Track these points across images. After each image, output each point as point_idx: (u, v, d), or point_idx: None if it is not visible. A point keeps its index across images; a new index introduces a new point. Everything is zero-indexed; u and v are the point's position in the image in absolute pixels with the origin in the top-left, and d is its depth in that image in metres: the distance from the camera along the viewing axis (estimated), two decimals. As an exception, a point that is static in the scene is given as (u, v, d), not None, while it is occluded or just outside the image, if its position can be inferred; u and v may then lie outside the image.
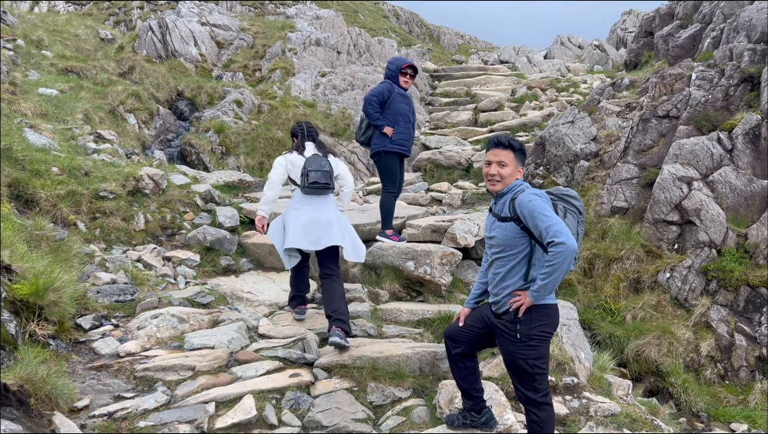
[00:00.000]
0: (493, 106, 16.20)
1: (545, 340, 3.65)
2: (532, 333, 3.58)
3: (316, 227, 5.38)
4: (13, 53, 12.21)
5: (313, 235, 5.38)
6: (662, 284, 7.40)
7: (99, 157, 8.26)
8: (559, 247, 3.33)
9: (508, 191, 3.66)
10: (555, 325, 3.72)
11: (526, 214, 3.49)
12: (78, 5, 37.67)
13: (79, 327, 5.08)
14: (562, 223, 3.41)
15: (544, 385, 3.66)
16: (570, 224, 3.57)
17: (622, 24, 31.92)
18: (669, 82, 9.30)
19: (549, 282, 3.43)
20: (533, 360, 3.60)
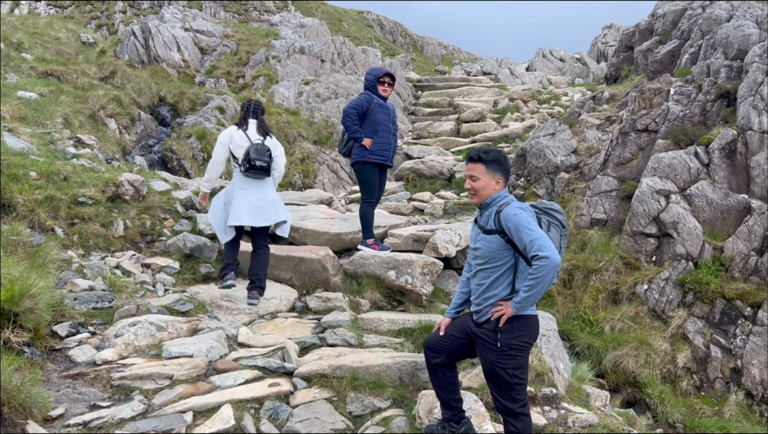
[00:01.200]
0: (476, 117, 16.33)
1: (525, 350, 3.68)
2: (513, 342, 3.61)
3: (265, 206, 6.11)
4: (-8, 55, 12.05)
5: (263, 214, 6.10)
6: (640, 296, 7.48)
7: (78, 162, 8.16)
8: (543, 261, 3.38)
9: (492, 203, 3.69)
10: (535, 336, 3.75)
11: (511, 227, 3.53)
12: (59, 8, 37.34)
13: (55, 335, 5.00)
14: (546, 237, 3.46)
15: (523, 395, 3.69)
16: (553, 237, 3.62)
17: (603, 38, 32.41)
18: (648, 97, 9.45)
19: (531, 295, 3.48)
20: (513, 369, 3.63)
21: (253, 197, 6.06)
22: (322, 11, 44.23)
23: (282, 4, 39.59)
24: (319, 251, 7.01)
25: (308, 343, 5.54)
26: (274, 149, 6.16)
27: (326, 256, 6.96)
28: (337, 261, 7.09)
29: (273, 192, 6.23)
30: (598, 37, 33.01)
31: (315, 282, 6.93)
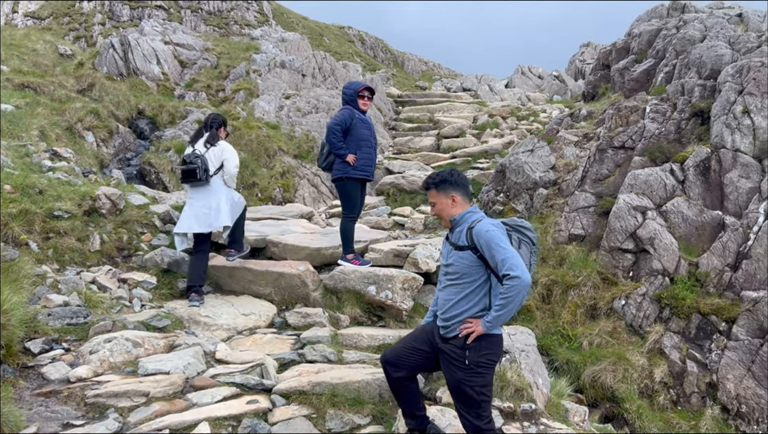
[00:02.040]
0: (456, 133, 16.45)
1: (491, 367, 3.70)
2: (481, 360, 3.63)
3: (208, 213, 6.57)
4: (-33, 67, 11.88)
5: (206, 220, 6.57)
6: (618, 311, 7.55)
7: (54, 175, 8.05)
8: (514, 281, 3.41)
9: (462, 220, 3.73)
10: (500, 354, 3.79)
11: (483, 244, 3.56)
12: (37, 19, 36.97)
13: (27, 351, 4.90)
14: (517, 256, 3.49)
15: (488, 412, 3.71)
16: (523, 254, 3.64)
17: (581, 56, 32.97)
18: (624, 114, 9.61)
19: (502, 314, 3.51)
20: (480, 387, 3.63)
21: (197, 205, 6.62)
22: (304, 26, 44.39)
23: (263, 18, 39.66)
24: (299, 266, 6.97)
25: (287, 359, 5.49)
26: (221, 154, 6.68)
27: (306, 271, 6.92)
28: (317, 276, 7.06)
29: (218, 199, 6.62)
30: (575, 54, 33.57)
31: (295, 298, 6.88)
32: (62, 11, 37.73)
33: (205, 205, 6.58)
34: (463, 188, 3.80)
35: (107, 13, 37.79)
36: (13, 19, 36.26)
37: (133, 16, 37.45)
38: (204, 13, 38.30)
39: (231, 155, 6.76)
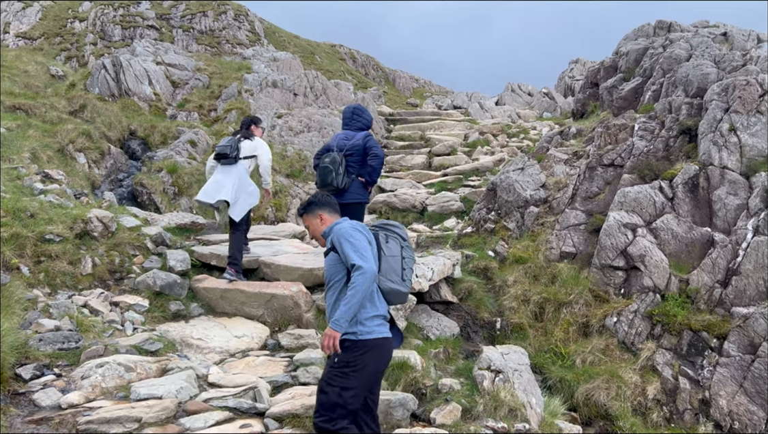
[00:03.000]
0: (447, 151, 16.56)
1: (360, 373, 3.67)
2: (350, 360, 3.66)
3: (218, 188, 7.30)
4: (-42, 89, 11.87)
5: (213, 194, 7.32)
6: (610, 328, 7.58)
7: (46, 198, 8.04)
8: (359, 270, 3.56)
9: (330, 232, 3.93)
10: (380, 360, 3.76)
11: (336, 241, 3.76)
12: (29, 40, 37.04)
13: (18, 378, 4.87)
14: (365, 248, 3.67)
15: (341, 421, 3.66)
16: (392, 247, 3.85)
17: (570, 72, 33.33)
18: (613, 132, 9.72)
19: (350, 307, 3.58)
20: (341, 389, 3.65)
21: (214, 179, 7.43)
22: (295, 44, 44.68)
23: (254, 37, 39.89)
24: (291, 287, 6.98)
25: (280, 382, 5.48)
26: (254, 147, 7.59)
27: (299, 292, 6.93)
28: (310, 297, 7.06)
29: (233, 179, 7.35)
30: (565, 71, 33.93)
31: (287, 319, 6.87)
32: (54, 31, 37.84)
33: (220, 181, 7.37)
34: (328, 205, 4.06)
35: (99, 33, 37.93)
36: (4, 40, 36.31)
37: (124, 36, 37.60)
38: (196, 33, 38.52)
39: (264, 150, 7.67)
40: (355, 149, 6.93)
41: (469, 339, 7.50)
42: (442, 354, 6.48)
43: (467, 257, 8.59)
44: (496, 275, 8.33)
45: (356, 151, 6.93)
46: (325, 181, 6.77)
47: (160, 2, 41.06)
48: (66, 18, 39.20)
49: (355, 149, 6.93)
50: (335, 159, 6.76)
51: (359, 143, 6.94)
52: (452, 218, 11.48)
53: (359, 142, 6.95)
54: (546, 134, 12.84)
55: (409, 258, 3.94)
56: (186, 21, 39.43)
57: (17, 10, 39.33)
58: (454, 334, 7.21)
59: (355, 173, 6.90)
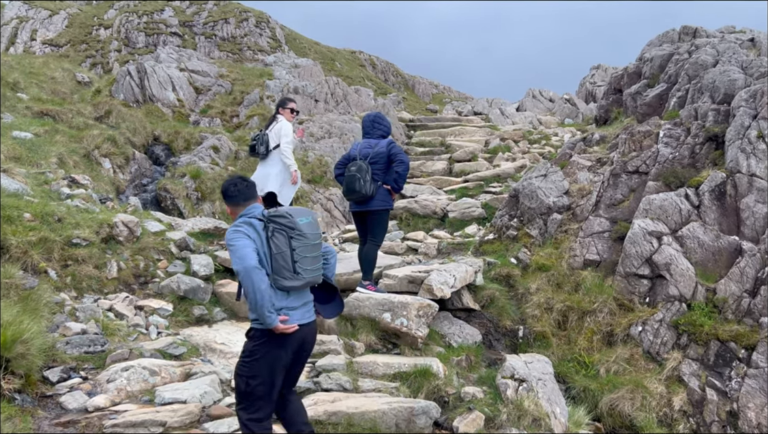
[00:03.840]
0: (468, 157, 16.49)
1: (263, 361, 3.72)
2: (253, 349, 3.75)
3: (259, 179, 7.72)
4: (-12, 95, 12.13)
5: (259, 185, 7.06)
6: (634, 338, 7.47)
7: (73, 202, 8.16)
8: (239, 274, 3.63)
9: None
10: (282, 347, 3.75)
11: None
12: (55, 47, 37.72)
13: (46, 380, 4.94)
14: (241, 248, 3.64)
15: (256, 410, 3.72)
16: (279, 242, 3.71)
17: (591, 78, 33.05)
18: (638, 139, 9.61)
19: (250, 305, 3.68)
20: (247, 377, 3.73)
21: (258, 173, 7.98)
22: (316, 51, 44.96)
23: (276, 44, 40.22)
24: (313, 292, 6.98)
25: (303, 388, 5.49)
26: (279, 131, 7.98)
27: (321, 298, 6.92)
28: (331, 303, 7.06)
29: (271, 170, 7.94)
30: (586, 77, 33.66)
31: (309, 324, 6.88)
32: (79, 38, 38.50)
33: (262, 174, 7.91)
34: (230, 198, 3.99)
35: (123, 40, 38.52)
36: (31, 47, 37.02)
37: (148, 42, 38.13)
38: (218, 39, 38.93)
39: (282, 133, 8.01)
40: (380, 156, 6.95)
41: (491, 346, 7.44)
42: (464, 361, 6.44)
43: (489, 264, 8.54)
44: (518, 282, 8.26)
45: (380, 158, 6.95)
46: (353, 188, 6.77)
47: (183, 9, 41.60)
48: (91, 25, 39.88)
49: (379, 157, 6.95)
50: (361, 167, 6.77)
51: (383, 150, 6.97)
52: (473, 224, 11.41)
53: (383, 149, 6.97)
54: (568, 141, 12.74)
55: (301, 247, 3.77)
56: (208, 28, 39.89)
57: (44, 17, 40.09)
58: (476, 342, 7.15)
59: (380, 181, 6.91)
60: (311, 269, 3.82)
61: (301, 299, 3.89)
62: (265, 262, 3.71)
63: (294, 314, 3.80)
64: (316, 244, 3.87)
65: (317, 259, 3.89)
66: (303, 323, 3.82)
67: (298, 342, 3.83)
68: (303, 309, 3.88)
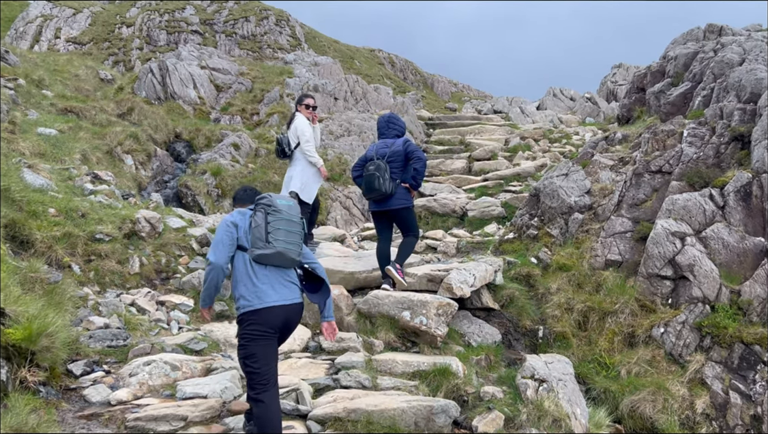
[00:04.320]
0: (487, 156, 16.40)
1: (253, 340, 4.12)
2: (242, 333, 4.20)
3: (288, 181, 8.15)
4: (14, 92, 12.31)
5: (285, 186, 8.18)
6: (656, 339, 7.38)
7: (96, 198, 8.26)
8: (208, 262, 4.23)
9: None
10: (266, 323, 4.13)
11: None
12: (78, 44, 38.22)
13: (69, 373, 5.00)
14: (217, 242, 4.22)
15: (258, 385, 4.10)
16: (258, 218, 4.19)
17: (612, 77, 32.71)
18: (661, 138, 9.48)
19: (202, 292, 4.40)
20: (243, 358, 4.16)
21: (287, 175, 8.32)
22: (335, 49, 45.04)
23: (295, 42, 40.37)
24: (333, 290, 6.97)
25: (322, 385, 5.50)
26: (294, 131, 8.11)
27: (340, 295, 6.95)
28: (350, 300, 7.08)
29: (294, 170, 8.16)
30: (607, 76, 33.33)
31: (328, 322, 6.89)
32: (102, 36, 38.98)
33: (287, 177, 8.21)
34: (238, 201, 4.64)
35: (145, 38, 38.92)
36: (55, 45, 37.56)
37: (169, 40, 38.49)
38: (238, 38, 39.17)
39: (300, 131, 8.10)
40: (397, 154, 7.04)
41: (510, 346, 7.39)
42: (483, 361, 6.41)
43: (509, 263, 8.49)
44: (538, 282, 8.20)
45: (397, 157, 7.04)
46: (372, 187, 6.86)
47: (204, 8, 41.91)
48: (114, 23, 40.34)
49: (396, 155, 7.04)
50: (380, 166, 6.86)
51: (400, 148, 7.06)
52: (493, 223, 11.35)
53: (400, 148, 7.07)
54: (590, 140, 12.62)
55: (275, 220, 4.19)
56: (229, 26, 40.15)
57: (68, 16, 40.64)
58: (496, 341, 7.12)
59: (398, 179, 6.98)
60: (284, 241, 4.18)
61: (282, 281, 4.26)
62: (245, 239, 4.24)
63: (273, 295, 4.18)
64: (291, 221, 4.28)
65: (291, 234, 4.25)
66: (285, 304, 4.21)
67: (281, 320, 4.21)
68: (284, 291, 4.24)
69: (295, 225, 4.28)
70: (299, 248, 4.31)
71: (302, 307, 4.39)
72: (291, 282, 4.30)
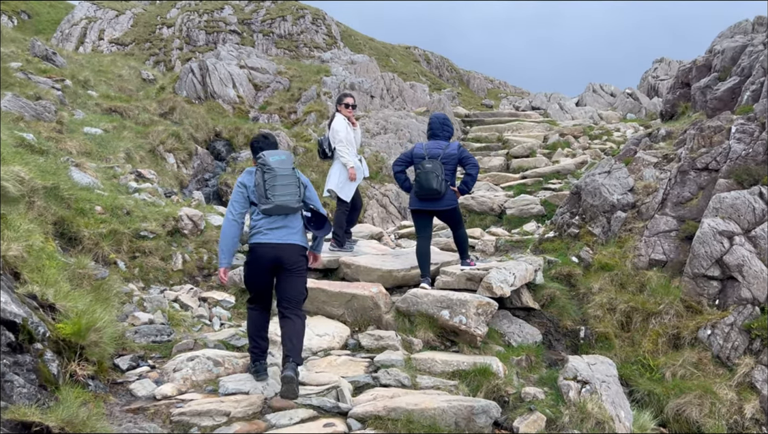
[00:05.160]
0: (525, 153, 16.23)
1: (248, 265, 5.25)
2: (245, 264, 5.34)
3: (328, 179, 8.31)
4: (61, 93, 12.67)
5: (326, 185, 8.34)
6: (703, 341, 7.18)
7: (140, 196, 8.44)
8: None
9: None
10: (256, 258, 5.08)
11: None
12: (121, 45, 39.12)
13: (116, 368, 5.12)
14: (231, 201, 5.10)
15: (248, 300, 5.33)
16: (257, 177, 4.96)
17: (654, 72, 31.97)
18: (708, 135, 9.22)
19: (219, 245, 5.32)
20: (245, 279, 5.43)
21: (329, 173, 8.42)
22: (371, 47, 45.09)
23: (331, 40, 40.55)
24: (371, 288, 7.01)
25: (362, 382, 5.51)
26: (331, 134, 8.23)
27: (379, 293, 6.95)
28: (389, 298, 7.08)
29: (333, 169, 8.28)
30: (648, 71, 32.60)
31: (367, 319, 6.91)
32: (144, 37, 39.81)
33: (329, 173, 8.32)
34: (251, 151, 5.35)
35: (185, 38, 39.61)
36: (99, 46, 38.53)
37: (208, 40, 39.09)
38: (275, 37, 39.55)
39: (334, 130, 8.18)
40: (451, 158, 7.16)
41: (551, 347, 7.29)
42: (524, 361, 6.34)
43: (549, 262, 8.37)
44: (580, 282, 8.06)
45: (451, 160, 7.16)
46: (430, 185, 6.96)
47: (242, 7, 42.44)
48: (155, 24, 41.16)
49: (450, 158, 7.15)
50: (437, 165, 6.97)
51: (454, 152, 7.19)
52: (532, 222, 11.22)
53: (454, 152, 7.19)
54: (632, 136, 12.35)
55: (271, 177, 4.91)
56: (266, 25, 40.58)
57: (111, 17, 41.63)
58: (536, 342, 7.03)
59: (448, 181, 7.10)
60: (280, 195, 4.93)
61: (282, 224, 5.04)
62: (254, 196, 5.03)
63: (272, 234, 4.99)
64: (284, 175, 4.97)
65: (287, 186, 4.96)
66: (278, 242, 4.99)
67: (271, 257, 4.99)
68: (281, 232, 5.03)
69: (288, 178, 4.99)
70: (296, 197, 5.00)
71: (298, 248, 5.09)
72: (288, 227, 5.07)
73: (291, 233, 5.06)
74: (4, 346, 3.86)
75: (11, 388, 3.74)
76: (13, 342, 3.95)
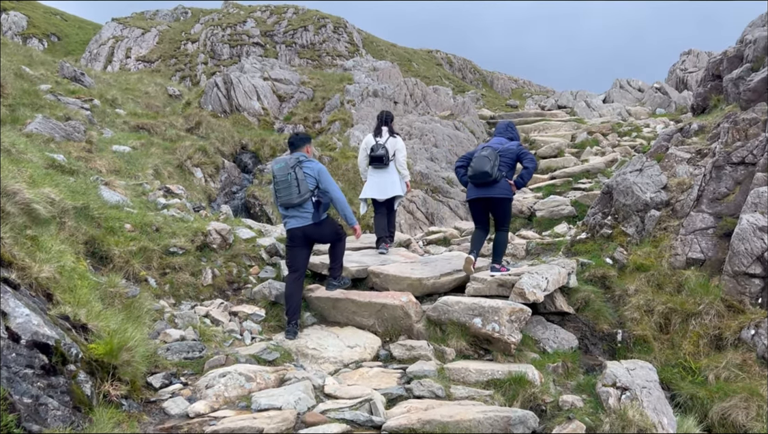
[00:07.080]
0: (553, 153, 16.01)
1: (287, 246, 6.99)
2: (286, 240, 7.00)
3: (384, 186, 8.85)
4: (90, 113, 12.89)
5: (383, 191, 8.88)
6: (746, 342, 6.93)
7: (169, 212, 8.49)
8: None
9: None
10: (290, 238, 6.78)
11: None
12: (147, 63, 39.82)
13: (149, 386, 5.12)
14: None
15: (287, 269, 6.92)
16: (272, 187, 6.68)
17: (682, 65, 31.31)
18: (742, 128, 8.94)
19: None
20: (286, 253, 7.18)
21: (377, 180, 8.88)
22: (393, 53, 45.13)
23: (353, 48, 40.70)
24: (401, 297, 6.93)
25: (394, 394, 5.42)
26: (393, 145, 8.80)
27: (409, 302, 6.87)
28: (419, 307, 6.99)
29: (392, 176, 8.86)
30: (676, 64, 31.94)
31: (398, 329, 6.83)
32: (169, 53, 40.48)
33: (383, 180, 8.84)
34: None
35: (209, 52, 40.15)
36: (126, 64, 39.28)
37: (232, 54, 39.56)
38: (298, 47, 39.85)
39: (402, 148, 8.96)
40: (509, 153, 7.45)
41: (587, 352, 7.11)
42: (560, 368, 6.18)
43: (582, 265, 8.19)
44: (615, 283, 7.87)
45: (509, 154, 7.45)
46: (483, 168, 7.22)
47: (265, 19, 42.87)
48: (179, 40, 41.83)
49: (508, 153, 7.45)
50: (492, 153, 7.29)
51: (513, 148, 7.51)
52: (563, 223, 11.01)
53: (513, 148, 7.51)
54: (663, 132, 12.06)
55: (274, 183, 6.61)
56: (288, 36, 40.91)
57: (137, 36, 42.43)
58: (572, 347, 6.86)
59: (504, 173, 7.33)
60: (280, 196, 6.57)
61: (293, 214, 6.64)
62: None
63: (290, 222, 6.65)
64: (283, 180, 6.53)
65: (286, 189, 6.50)
66: (297, 226, 6.63)
67: (300, 235, 6.64)
68: (295, 220, 6.63)
69: (286, 180, 6.49)
70: (296, 194, 6.44)
71: (314, 225, 6.63)
72: (301, 214, 6.59)
73: (304, 216, 6.60)
74: (37, 369, 3.88)
75: (45, 411, 3.75)
76: (47, 365, 3.97)
